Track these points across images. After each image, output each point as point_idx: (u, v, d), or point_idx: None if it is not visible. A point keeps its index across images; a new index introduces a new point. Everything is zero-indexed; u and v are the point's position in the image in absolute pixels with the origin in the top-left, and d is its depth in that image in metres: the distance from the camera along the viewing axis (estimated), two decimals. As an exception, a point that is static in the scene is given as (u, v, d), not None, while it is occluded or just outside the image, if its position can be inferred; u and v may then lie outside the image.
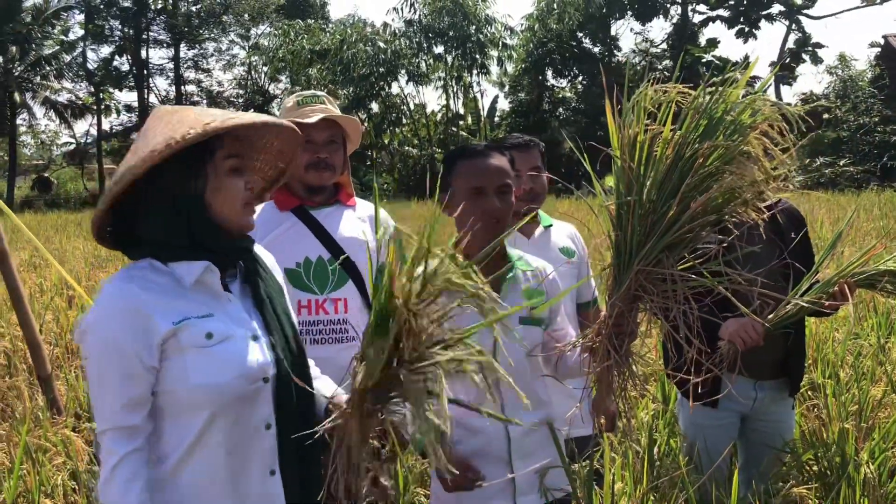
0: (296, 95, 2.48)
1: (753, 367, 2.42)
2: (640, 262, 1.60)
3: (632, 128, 1.62)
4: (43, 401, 3.91)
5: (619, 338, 1.66)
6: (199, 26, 35.91)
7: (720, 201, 1.58)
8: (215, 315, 1.48)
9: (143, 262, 1.48)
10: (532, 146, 2.67)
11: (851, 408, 3.32)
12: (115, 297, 1.43)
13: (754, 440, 2.63)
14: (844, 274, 2.27)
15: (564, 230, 2.80)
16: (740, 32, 31.38)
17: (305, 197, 2.41)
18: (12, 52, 31.11)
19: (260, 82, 37.12)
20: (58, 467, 3.08)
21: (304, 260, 2.34)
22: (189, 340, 1.43)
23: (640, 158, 1.62)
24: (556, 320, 2.04)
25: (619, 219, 1.66)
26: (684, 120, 1.60)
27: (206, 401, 1.44)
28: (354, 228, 2.43)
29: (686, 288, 1.57)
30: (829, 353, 4.03)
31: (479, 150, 1.91)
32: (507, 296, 1.94)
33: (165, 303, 1.44)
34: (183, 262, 1.47)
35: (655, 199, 1.60)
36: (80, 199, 32.09)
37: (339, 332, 2.33)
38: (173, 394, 1.44)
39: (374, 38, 28.23)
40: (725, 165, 1.56)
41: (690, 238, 1.59)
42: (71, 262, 9.78)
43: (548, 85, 31.62)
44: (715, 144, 1.55)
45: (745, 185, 1.57)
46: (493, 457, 1.90)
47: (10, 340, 4.92)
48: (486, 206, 1.85)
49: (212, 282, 1.50)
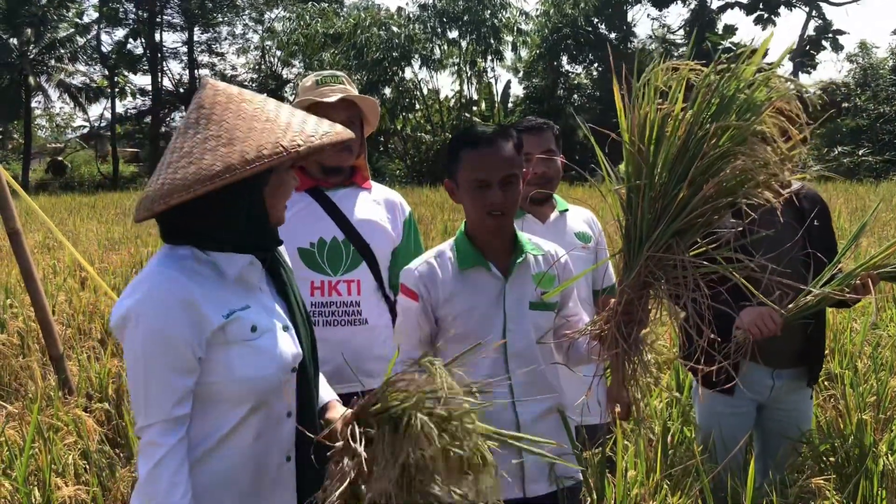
0: (315, 74, 2.46)
1: (771, 356, 2.38)
2: (651, 247, 1.56)
3: (642, 108, 1.57)
4: (55, 380, 3.93)
5: (628, 325, 1.63)
6: (213, 10, 35.91)
7: (733, 184, 1.53)
8: (252, 307, 1.46)
9: (184, 250, 1.43)
10: (545, 129, 2.62)
11: (869, 399, 3.28)
12: (164, 285, 1.37)
13: (771, 429, 2.60)
14: (867, 266, 2.22)
15: (581, 215, 2.75)
16: (759, 19, 30.94)
17: (321, 178, 2.39)
18: (27, 35, 31.24)
19: (273, 66, 37.10)
20: (69, 447, 3.09)
21: (319, 240, 2.32)
22: (236, 334, 1.41)
23: (650, 140, 1.57)
24: (568, 305, 2.01)
25: (629, 203, 1.62)
26: (695, 98, 1.54)
27: (250, 393, 1.43)
28: (370, 210, 2.42)
29: (697, 274, 1.52)
30: (847, 344, 3.97)
31: (483, 138, 1.85)
32: (516, 280, 1.91)
33: (214, 295, 1.40)
34: (227, 253, 1.44)
35: (666, 182, 1.56)
36: (94, 182, 32.31)
37: (351, 315, 2.32)
38: (215, 385, 1.42)
39: (388, 22, 28.08)
40: (738, 146, 1.51)
41: (702, 222, 1.55)
42: (84, 243, 9.84)
43: (563, 71, 31.39)
44: (727, 124, 1.50)
45: (758, 166, 1.52)
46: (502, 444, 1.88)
47: (23, 321, 4.95)
48: (490, 199, 1.82)
49: (252, 275, 1.49)
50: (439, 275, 1.90)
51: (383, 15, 28.69)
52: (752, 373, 2.43)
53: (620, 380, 1.70)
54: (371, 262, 2.36)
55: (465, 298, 1.89)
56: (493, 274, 1.90)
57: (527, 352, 1.90)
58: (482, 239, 1.91)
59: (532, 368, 1.89)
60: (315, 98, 2.34)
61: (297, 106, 2.37)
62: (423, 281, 1.90)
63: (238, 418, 1.43)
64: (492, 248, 1.91)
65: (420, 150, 29.56)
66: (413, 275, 1.92)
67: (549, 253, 1.99)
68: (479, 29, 28.12)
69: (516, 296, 1.90)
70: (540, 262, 1.96)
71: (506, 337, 1.89)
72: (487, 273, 1.90)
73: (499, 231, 1.90)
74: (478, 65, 29.07)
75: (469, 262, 1.90)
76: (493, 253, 1.91)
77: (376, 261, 2.38)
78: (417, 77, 29.98)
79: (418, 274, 1.91)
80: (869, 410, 3.15)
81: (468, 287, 1.90)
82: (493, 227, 1.87)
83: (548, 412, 1.93)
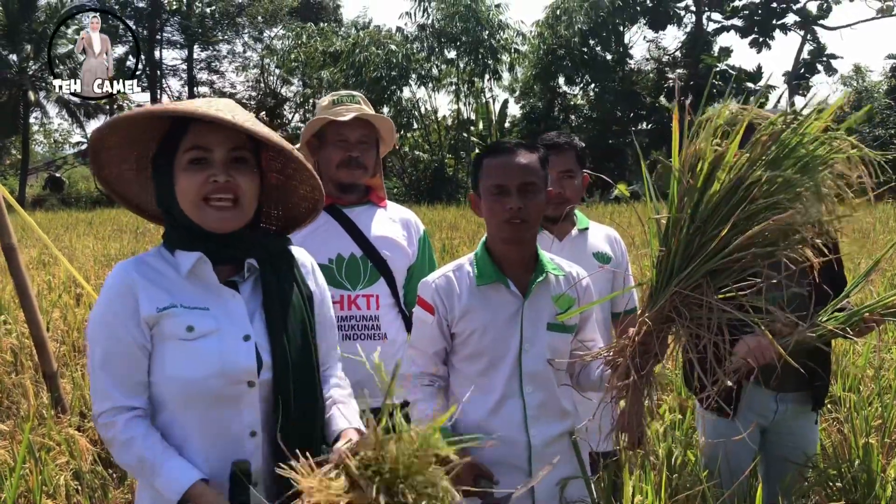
0: (332, 94, 2.50)
1: (774, 379, 2.33)
2: (680, 283, 1.52)
3: (698, 143, 1.54)
4: (48, 398, 3.87)
5: (643, 357, 1.59)
6: (213, 28, 36.09)
7: (776, 235, 1.49)
8: (211, 310, 1.44)
9: (154, 249, 1.50)
10: (566, 148, 2.55)
11: (874, 423, 3.24)
12: (111, 279, 1.45)
13: (775, 454, 2.55)
14: (874, 308, 2.19)
15: (603, 233, 2.68)
16: (754, 42, 31.20)
17: (337, 195, 2.42)
18: (27, 51, 31.31)
19: (272, 84, 37.24)
20: (61, 467, 3.03)
21: (337, 256, 2.36)
22: (171, 330, 1.41)
23: (700, 174, 1.53)
24: (585, 329, 1.97)
25: (666, 234, 1.57)
26: (755, 143, 1.51)
27: (183, 395, 1.41)
28: (386, 228, 2.45)
29: (723, 319, 1.48)
30: (850, 366, 3.94)
31: (505, 148, 1.86)
32: (535, 299, 1.87)
33: (156, 287, 1.43)
34: (183, 251, 1.46)
35: (707, 220, 1.52)
36: (92, 199, 32.23)
37: (370, 329, 2.35)
38: (154, 386, 1.44)
39: (386, 41, 28.23)
40: (789, 200, 1.47)
41: (737, 267, 1.50)
42: (80, 259, 9.77)
43: (559, 91, 31.53)
44: (782, 175, 1.45)
45: (807, 223, 1.48)
46: (512, 466, 1.84)
47: (16, 337, 4.88)
48: (508, 205, 1.79)
49: (205, 273, 1.46)
50: (456, 289, 1.87)
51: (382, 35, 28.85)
52: (755, 396, 2.39)
53: (631, 410, 1.66)
54: (388, 278, 2.39)
55: (481, 315, 1.85)
56: (511, 291, 1.87)
57: (542, 374, 1.86)
58: (501, 252, 1.88)
59: (546, 391, 1.85)
60: (330, 116, 2.37)
61: (313, 124, 2.38)
62: (439, 294, 1.88)
63: (184, 429, 1.42)
64: (511, 265, 1.88)
65: (418, 168, 29.58)
66: (430, 287, 1.89)
67: (570, 275, 1.95)
68: (476, 49, 28.28)
69: (534, 316, 1.86)
70: (561, 284, 1.92)
71: (521, 357, 1.85)
72: (506, 290, 1.87)
73: (517, 242, 1.86)
74: (475, 84, 29.19)
75: (487, 278, 1.87)
76: (512, 270, 1.88)
77: (393, 277, 2.40)
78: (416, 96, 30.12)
79: (435, 287, 1.89)
80: (874, 434, 3.11)
81: (485, 303, 1.86)
82: (511, 237, 1.83)
83: (560, 436, 1.89)
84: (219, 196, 1.42)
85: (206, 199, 1.42)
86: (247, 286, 1.51)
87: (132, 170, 1.54)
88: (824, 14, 31.00)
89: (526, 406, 1.84)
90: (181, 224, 1.46)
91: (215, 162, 1.43)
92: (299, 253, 1.65)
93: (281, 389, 1.46)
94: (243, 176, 1.46)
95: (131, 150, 1.52)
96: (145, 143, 1.51)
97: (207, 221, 1.43)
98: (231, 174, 1.44)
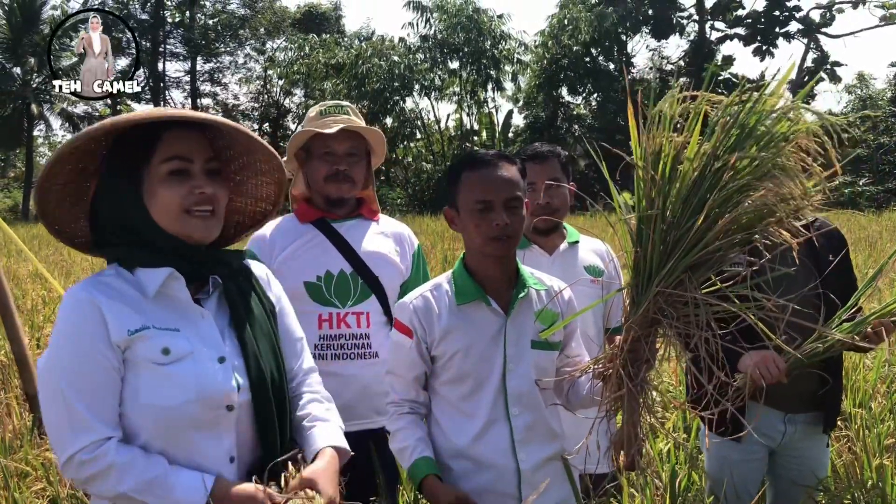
0: (320, 105, 2.41)
1: (783, 399, 2.23)
2: (661, 282, 1.46)
3: (656, 136, 1.48)
4: (31, 419, 3.76)
5: (634, 365, 1.51)
6: (216, 40, 36.27)
7: (751, 219, 1.44)
8: (182, 331, 1.34)
9: (109, 269, 1.37)
10: (550, 156, 2.49)
11: (887, 441, 3.11)
12: (70, 302, 1.31)
13: (784, 477, 2.44)
14: (883, 314, 2.07)
15: (594, 247, 2.60)
16: (757, 51, 31.17)
17: (326, 209, 2.33)
18: (30, 64, 31.47)
19: (275, 96, 37.36)
20: (37, 493, 2.91)
21: (326, 273, 2.26)
22: (144, 354, 1.30)
23: (665, 169, 1.48)
24: (570, 345, 1.88)
25: (639, 235, 1.51)
26: (713, 129, 1.46)
27: (154, 424, 1.29)
28: (378, 243, 2.35)
29: (710, 313, 1.41)
30: (860, 382, 3.81)
31: (485, 160, 1.76)
32: (518, 317, 1.78)
33: (125, 308, 1.31)
34: (147, 268, 1.35)
35: (679, 213, 1.46)
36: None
37: (361, 348, 2.24)
38: (124, 417, 1.30)
39: (388, 52, 28.30)
40: (758, 180, 1.42)
41: (716, 258, 1.45)
42: (77, 273, 9.73)
43: (562, 101, 31.56)
44: (746, 156, 1.41)
45: (779, 202, 1.42)
46: (501, 494, 1.75)
47: (4, 354, 4.78)
48: (495, 221, 1.70)
49: (177, 292, 1.36)
50: (435, 309, 1.78)
51: (385, 46, 28.92)
52: (763, 417, 2.27)
53: (627, 423, 1.56)
54: (380, 295, 2.29)
55: (463, 335, 1.76)
56: (493, 309, 1.78)
57: (528, 394, 1.77)
58: (482, 269, 1.80)
59: (534, 412, 1.77)
60: (315, 129, 2.28)
61: (299, 136, 2.29)
62: (417, 315, 1.78)
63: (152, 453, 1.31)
64: (492, 282, 1.79)
65: (421, 178, 29.62)
66: (408, 309, 1.80)
67: (552, 288, 1.87)
68: (479, 59, 28.33)
69: (517, 333, 1.78)
70: (543, 298, 1.84)
71: (506, 377, 1.75)
72: (487, 308, 1.78)
73: (502, 259, 1.78)
74: (478, 94, 29.23)
75: (467, 297, 1.78)
76: (493, 287, 1.79)
77: (385, 294, 2.30)
78: (419, 107, 30.15)
79: (413, 308, 1.79)
80: (888, 455, 2.98)
81: (466, 323, 1.77)
82: (496, 254, 1.75)
83: (550, 459, 1.80)
84: (201, 207, 1.38)
85: (187, 211, 1.37)
86: (211, 304, 1.43)
87: (60, 195, 1.43)
88: (828, 22, 30.98)
89: (513, 429, 1.76)
90: (146, 240, 1.37)
91: (196, 173, 1.38)
92: (254, 265, 1.59)
93: (260, 411, 1.38)
94: (220, 187, 1.42)
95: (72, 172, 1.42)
96: (85, 162, 1.42)
97: (192, 232, 1.37)
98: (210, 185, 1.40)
